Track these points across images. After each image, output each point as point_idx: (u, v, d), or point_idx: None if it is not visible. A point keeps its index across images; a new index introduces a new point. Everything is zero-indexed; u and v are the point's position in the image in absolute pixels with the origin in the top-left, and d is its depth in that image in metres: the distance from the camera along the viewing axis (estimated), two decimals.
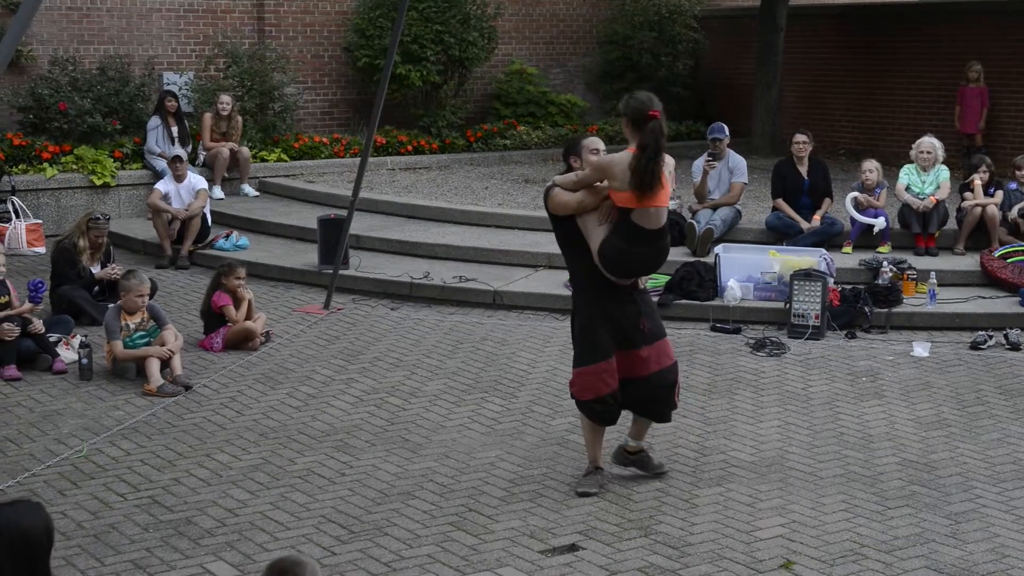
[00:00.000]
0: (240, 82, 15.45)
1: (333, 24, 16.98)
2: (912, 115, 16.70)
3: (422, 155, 16.35)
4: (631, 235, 6.35)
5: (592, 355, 6.52)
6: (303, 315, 10.60)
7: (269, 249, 12.57)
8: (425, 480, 6.88)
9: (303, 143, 15.73)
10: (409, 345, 9.66)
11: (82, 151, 14.16)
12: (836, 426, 7.85)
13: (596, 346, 6.51)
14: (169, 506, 6.49)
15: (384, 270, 11.58)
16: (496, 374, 8.90)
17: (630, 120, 6.40)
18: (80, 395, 8.41)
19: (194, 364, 9.07)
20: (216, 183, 14.35)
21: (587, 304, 6.57)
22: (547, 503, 6.56)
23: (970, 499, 6.67)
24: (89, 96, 14.42)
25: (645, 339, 6.58)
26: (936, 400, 8.40)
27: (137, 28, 15.66)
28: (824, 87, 18.06)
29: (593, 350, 6.52)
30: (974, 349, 9.64)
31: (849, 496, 6.69)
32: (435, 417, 7.97)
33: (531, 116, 17.73)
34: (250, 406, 8.18)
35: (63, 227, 13.11)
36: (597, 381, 6.52)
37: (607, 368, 6.51)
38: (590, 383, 6.54)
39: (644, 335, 6.57)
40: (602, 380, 6.52)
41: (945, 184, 11.73)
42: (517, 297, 10.90)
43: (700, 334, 10.08)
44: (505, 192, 14.33)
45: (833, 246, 11.48)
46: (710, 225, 11.55)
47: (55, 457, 7.19)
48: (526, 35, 18.68)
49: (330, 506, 6.50)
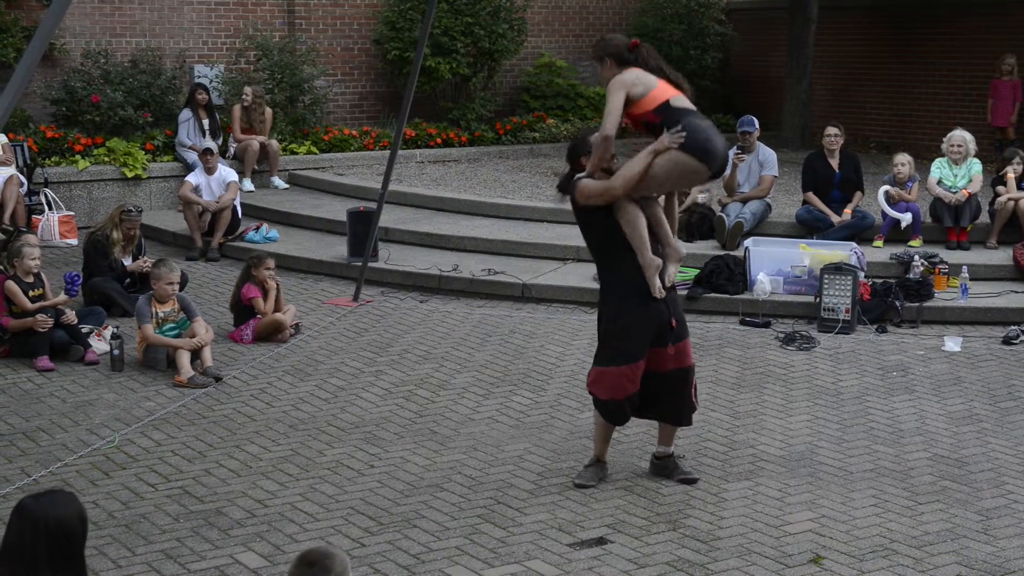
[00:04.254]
0: (270, 75, 15.50)
1: (363, 17, 17.01)
2: (944, 108, 16.58)
3: (451, 148, 16.36)
4: (689, 113, 6.22)
5: (623, 358, 6.42)
6: (332, 307, 10.63)
7: (299, 241, 12.61)
8: (453, 472, 6.89)
9: (333, 136, 15.77)
10: (438, 338, 9.68)
11: (114, 143, 14.25)
12: (866, 421, 7.81)
13: (628, 350, 6.42)
14: (200, 496, 6.53)
15: (413, 263, 11.60)
16: (524, 367, 8.91)
17: (614, 59, 6.35)
18: (112, 386, 8.47)
19: (224, 356, 9.12)
20: (246, 176, 14.41)
21: (620, 308, 6.42)
22: (575, 496, 6.56)
23: (1002, 495, 6.62)
24: (121, 89, 14.50)
25: (673, 337, 6.53)
26: (967, 395, 8.34)
27: (168, 21, 15.73)
28: (855, 80, 17.94)
29: (625, 354, 6.42)
30: (1006, 344, 9.57)
31: (879, 491, 6.66)
32: (463, 410, 7.98)
33: (560, 109, 17.70)
34: (280, 398, 8.22)
35: (95, 219, 13.20)
36: (622, 383, 6.46)
37: (634, 371, 6.45)
38: (614, 384, 6.47)
39: (673, 333, 6.52)
40: (626, 382, 6.46)
41: (977, 177, 11.64)
42: (545, 290, 10.90)
43: (729, 328, 10.05)
44: (534, 185, 14.32)
45: (864, 240, 11.41)
46: (740, 218, 11.51)
47: (87, 447, 7.25)
48: (555, 28, 18.66)
49: (359, 498, 6.52)
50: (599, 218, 6.42)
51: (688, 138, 6.14)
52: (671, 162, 6.20)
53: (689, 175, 6.35)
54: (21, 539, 3.72)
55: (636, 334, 6.40)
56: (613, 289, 6.52)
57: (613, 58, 6.37)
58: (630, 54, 6.34)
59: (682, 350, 6.58)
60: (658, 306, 6.41)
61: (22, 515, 3.78)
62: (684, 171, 6.26)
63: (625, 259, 6.38)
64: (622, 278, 6.42)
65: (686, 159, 6.18)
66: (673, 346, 6.52)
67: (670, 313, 6.48)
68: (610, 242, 6.44)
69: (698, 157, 6.17)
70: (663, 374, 6.55)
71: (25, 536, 3.72)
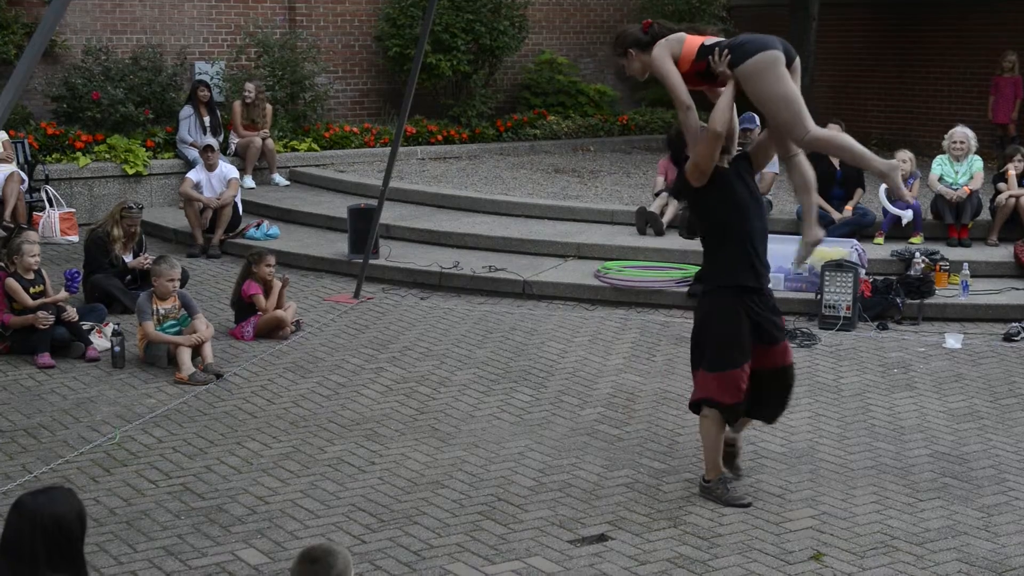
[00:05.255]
0: (271, 72, 15.50)
1: (364, 14, 17.00)
2: (945, 105, 16.57)
3: (452, 145, 16.35)
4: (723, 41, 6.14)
5: (740, 357, 6.20)
6: (333, 304, 10.64)
7: (299, 238, 12.61)
8: (454, 469, 6.89)
9: (333, 132, 15.77)
10: (438, 334, 9.68)
11: (115, 140, 14.25)
12: (867, 418, 7.81)
13: (742, 349, 6.21)
14: (200, 493, 6.54)
15: (414, 259, 11.60)
16: (525, 364, 8.91)
17: (637, 48, 6.24)
18: (112, 383, 8.47)
19: (225, 352, 9.12)
20: (247, 172, 14.40)
21: (727, 304, 6.21)
22: (576, 493, 6.56)
23: (1002, 491, 6.62)
24: (122, 85, 14.50)
25: (783, 335, 6.43)
26: (968, 392, 8.34)
27: (169, 18, 15.73)
28: (856, 77, 17.94)
29: (740, 352, 6.20)
30: (1007, 341, 9.57)
31: (880, 488, 6.66)
32: (464, 407, 7.98)
33: (561, 106, 17.70)
34: (280, 394, 8.22)
35: (96, 216, 13.20)
36: (739, 383, 6.22)
37: (746, 372, 6.25)
38: (733, 385, 6.21)
39: (778, 334, 6.38)
40: (742, 382, 6.24)
41: (978, 174, 11.63)
42: (546, 287, 10.90)
43: None
44: (535, 182, 14.32)
45: (865, 237, 11.41)
46: None
47: (88, 444, 7.25)
48: (556, 25, 18.65)
49: (360, 494, 6.53)
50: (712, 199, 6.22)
51: (734, 52, 6.01)
52: (747, 77, 6.00)
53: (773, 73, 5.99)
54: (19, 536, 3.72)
55: (744, 329, 6.21)
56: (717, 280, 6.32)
57: (635, 47, 6.28)
58: (646, 35, 6.25)
59: (786, 349, 6.45)
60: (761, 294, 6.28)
61: (20, 512, 3.77)
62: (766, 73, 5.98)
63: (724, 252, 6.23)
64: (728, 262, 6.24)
65: (753, 65, 5.97)
66: (784, 342, 6.42)
67: (775, 309, 6.35)
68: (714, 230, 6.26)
69: (758, 51, 5.97)
70: (779, 369, 6.41)
71: (23, 533, 3.71)
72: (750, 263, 6.23)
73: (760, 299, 6.30)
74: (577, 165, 15.61)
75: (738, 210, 6.21)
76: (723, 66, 6.03)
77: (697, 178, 6.22)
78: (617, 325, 10.01)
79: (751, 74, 6.02)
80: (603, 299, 10.70)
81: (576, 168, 15.36)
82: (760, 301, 6.30)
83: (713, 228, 6.33)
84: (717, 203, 6.24)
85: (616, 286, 10.73)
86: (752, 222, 6.24)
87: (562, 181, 14.36)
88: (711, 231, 6.36)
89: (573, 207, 12.83)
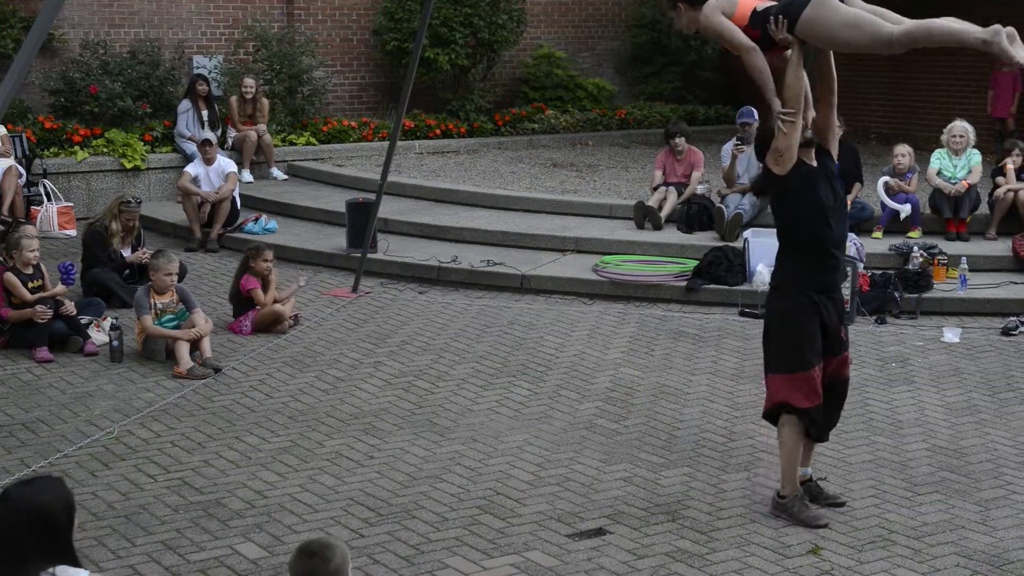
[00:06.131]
0: (269, 66, 15.48)
1: (362, 7, 16.98)
2: (944, 99, 16.55)
3: (450, 139, 16.34)
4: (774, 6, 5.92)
5: (813, 358, 5.95)
6: (331, 298, 10.63)
7: (298, 233, 12.60)
8: (453, 463, 6.89)
9: (332, 127, 15.76)
10: (437, 329, 9.68)
11: (112, 134, 14.24)
12: (865, 411, 7.81)
13: (815, 350, 5.96)
14: (199, 488, 6.54)
15: (412, 254, 11.59)
16: (523, 358, 8.91)
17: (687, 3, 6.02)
18: (111, 377, 8.47)
19: (223, 347, 9.12)
20: (245, 166, 14.39)
21: (800, 303, 5.97)
22: (574, 487, 6.56)
23: (1000, 486, 6.63)
24: (120, 79, 14.48)
25: (843, 346, 6.20)
26: (966, 386, 8.35)
27: (167, 12, 15.71)
28: (855, 70, 17.89)
29: (813, 353, 5.95)
30: (1005, 335, 9.58)
31: (878, 482, 6.67)
32: (462, 401, 7.99)
33: (559, 100, 17.68)
34: (279, 389, 8.22)
35: (94, 210, 13.19)
36: (814, 385, 5.97)
37: (819, 374, 6.00)
38: (808, 388, 5.95)
39: (843, 343, 6.17)
40: (818, 384, 5.98)
41: (977, 168, 11.63)
42: (544, 281, 10.90)
43: (728, 319, 10.05)
44: (533, 176, 14.31)
45: (863, 231, 11.41)
46: (739, 210, 11.51)
47: (86, 438, 7.25)
48: (555, 19, 18.62)
49: (358, 488, 6.53)
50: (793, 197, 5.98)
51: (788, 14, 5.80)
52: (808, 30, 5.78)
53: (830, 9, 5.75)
54: (4, 525, 3.70)
55: (816, 331, 5.97)
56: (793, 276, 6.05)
57: (686, 2, 6.07)
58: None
59: (845, 361, 6.23)
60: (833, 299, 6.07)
61: (6, 502, 3.76)
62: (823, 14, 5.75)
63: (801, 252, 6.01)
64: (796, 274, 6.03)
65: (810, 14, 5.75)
66: (845, 353, 6.21)
67: (841, 320, 6.14)
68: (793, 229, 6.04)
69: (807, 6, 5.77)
70: (844, 380, 6.24)
71: (9, 523, 3.69)
72: (827, 266, 6.02)
73: (832, 303, 6.07)
74: (575, 159, 15.60)
75: (820, 211, 5.96)
76: (783, 32, 5.82)
77: (778, 163, 5.94)
78: (615, 319, 10.01)
79: (811, 25, 5.78)
80: (601, 293, 10.70)
81: (574, 162, 15.35)
82: (832, 306, 6.07)
83: (792, 227, 6.06)
84: (798, 202, 5.98)
85: (614, 280, 10.73)
86: (833, 225, 6.01)
87: (560, 175, 14.35)
88: (790, 229, 6.08)
89: (571, 201, 12.83)
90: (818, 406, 6.00)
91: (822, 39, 5.88)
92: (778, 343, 6.05)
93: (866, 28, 5.70)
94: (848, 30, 5.72)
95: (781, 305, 6.09)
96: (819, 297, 6.01)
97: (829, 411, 6.17)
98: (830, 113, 6.21)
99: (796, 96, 5.90)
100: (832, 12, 5.75)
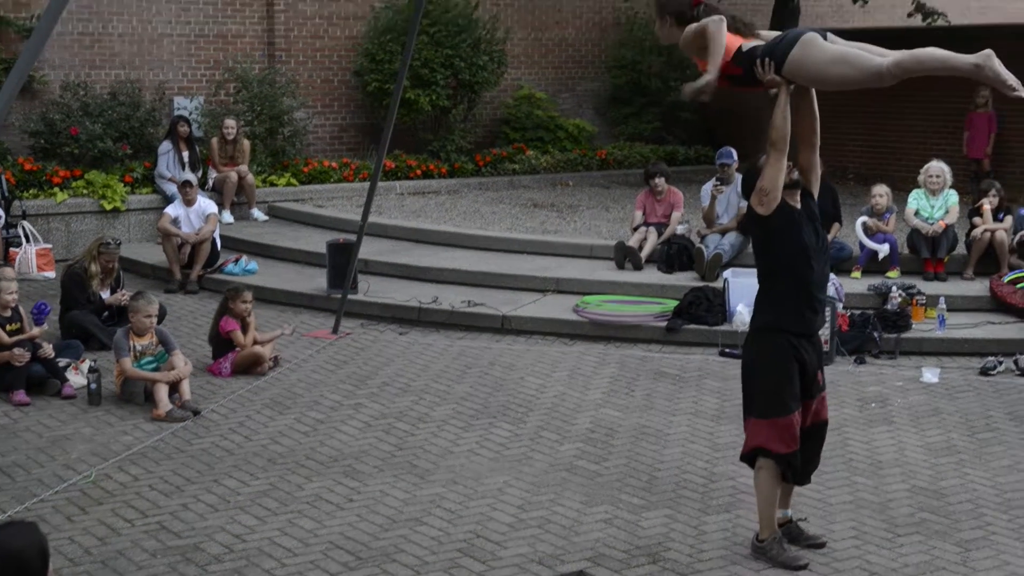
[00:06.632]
0: (250, 107, 15.52)
1: (343, 49, 17.06)
2: (921, 140, 16.69)
3: (431, 179, 16.38)
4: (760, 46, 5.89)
5: (792, 404, 5.95)
6: (312, 340, 10.60)
7: (278, 274, 12.59)
8: (433, 506, 6.86)
9: (312, 168, 15.78)
10: (417, 370, 9.66)
11: (92, 176, 14.22)
12: (845, 452, 7.82)
13: (794, 395, 5.96)
14: (177, 532, 6.49)
15: (393, 295, 11.59)
16: (504, 399, 8.89)
17: (676, 19, 6.00)
18: (89, 420, 8.41)
19: (202, 389, 9.07)
20: (225, 208, 14.39)
21: (778, 346, 5.98)
22: (555, 529, 6.54)
23: (980, 527, 6.63)
24: (100, 121, 14.48)
25: (820, 388, 6.18)
26: (946, 426, 8.37)
27: (148, 53, 15.74)
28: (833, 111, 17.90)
29: (791, 399, 5.95)
30: (984, 375, 9.61)
31: (859, 523, 6.66)
32: (443, 442, 7.96)
33: (540, 140, 17.77)
34: (258, 431, 8.18)
35: (73, 252, 13.15)
36: (793, 431, 5.96)
37: (798, 420, 6.00)
38: (787, 434, 5.94)
39: (819, 386, 6.15)
40: (796, 429, 5.98)
41: (954, 209, 11.72)
42: (525, 322, 10.90)
43: (709, 359, 10.07)
44: (514, 216, 14.35)
45: (842, 271, 11.46)
46: (719, 250, 11.55)
47: (63, 482, 7.19)
48: (535, 60, 18.75)
49: (338, 532, 6.49)
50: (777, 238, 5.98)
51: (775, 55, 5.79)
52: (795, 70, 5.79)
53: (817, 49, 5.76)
54: None
55: (795, 374, 5.97)
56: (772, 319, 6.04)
57: (674, 16, 6.03)
58: (691, 11, 6.00)
59: (823, 403, 6.21)
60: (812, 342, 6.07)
61: None
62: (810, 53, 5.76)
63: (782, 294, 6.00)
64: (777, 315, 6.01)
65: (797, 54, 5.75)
66: (821, 394, 6.19)
67: (819, 365, 6.14)
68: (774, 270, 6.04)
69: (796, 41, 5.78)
70: (822, 424, 6.21)
71: None
72: (809, 307, 6.02)
73: (812, 346, 6.08)
74: (556, 200, 15.65)
75: (803, 252, 5.98)
76: (771, 73, 5.83)
77: (762, 203, 5.95)
78: (596, 360, 10.01)
79: (799, 65, 5.78)
80: (582, 334, 10.70)
81: (555, 202, 15.40)
82: (812, 348, 6.07)
83: (774, 268, 6.06)
84: (782, 242, 5.99)
85: (595, 321, 10.74)
86: (815, 266, 6.02)
87: (541, 215, 14.39)
88: (772, 270, 6.08)
89: (552, 241, 12.86)
90: (795, 452, 6.00)
91: (811, 78, 5.90)
92: (758, 387, 6.05)
93: (856, 63, 5.72)
94: (838, 67, 5.74)
95: (761, 348, 6.08)
96: (799, 341, 6.01)
97: (809, 454, 6.16)
98: (812, 154, 6.24)
99: (783, 137, 5.91)
100: (820, 51, 5.78)
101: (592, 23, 19.19)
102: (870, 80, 5.72)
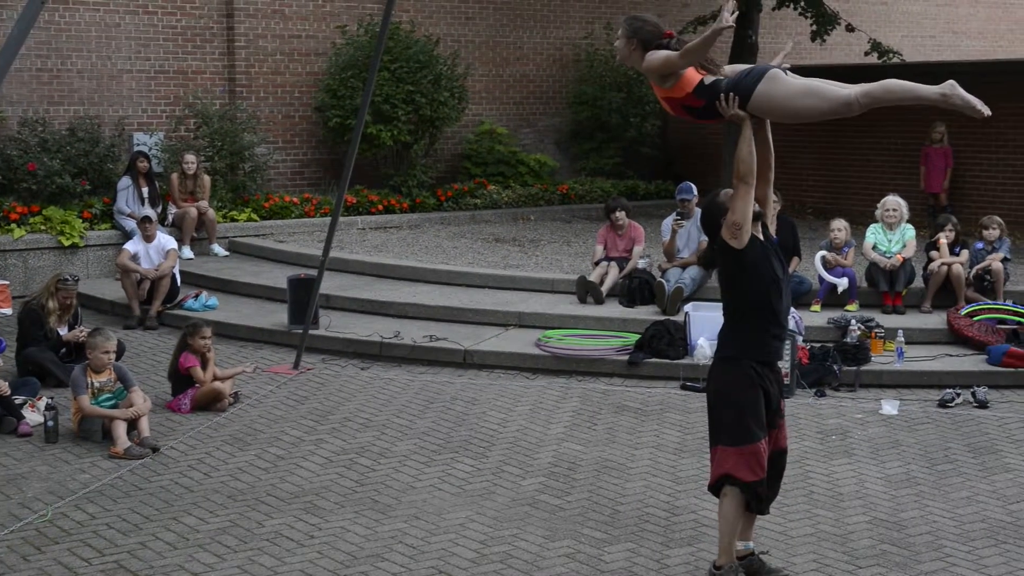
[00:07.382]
0: (210, 142, 15.48)
1: (304, 84, 17.06)
2: (878, 174, 16.90)
3: (393, 214, 16.38)
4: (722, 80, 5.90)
5: (759, 431, 5.98)
6: (272, 375, 10.54)
7: (238, 309, 12.52)
8: (395, 542, 6.82)
9: (273, 203, 15.74)
10: (379, 405, 9.62)
11: (51, 212, 14.12)
12: (806, 484, 7.85)
13: (760, 422, 5.99)
14: (135, 571, 6.40)
15: (354, 330, 11.55)
16: (466, 434, 8.87)
17: (642, 45, 5.97)
18: (45, 458, 8.31)
19: (161, 426, 8.99)
20: (185, 243, 14.32)
21: (743, 375, 6.02)
22: (517, 564, 6.51)
23: (940, 558, 6.67)
24: (58, 157, 14.39)
25: (780, 415, 6.22)
26: (905, 458, 8.42)
27: (107, 89, 15.68)
28: (792, 147, 18.23)
29: (758, 426, 5.98)
30: (942, 407, 9.69)
31: (820, 555, 6.68)
32: (405, 478, 7.92)
33: (501, 175, 17.83)
34: (218, 468, 8.11)
35: (30, 288, 13.03)
36: (760, 459, 5.99)
37: (765, 448, 6.03)
38: (754, 462, 5.98)
39: (780, 412, 6.20)
40: (763, 459, 6.01)
41: (911, 242, 11.85)
42: (487, 356, 10.89)
43: (670, 393, 10.09)
44: (475, 251, 14.36)
45: (801, 304, 11.53)
46: (680, 284, 11.61)
47: (19, 521, 7.09)
48: (496, 95, 18.83)
49: (298, 569, 6.43)
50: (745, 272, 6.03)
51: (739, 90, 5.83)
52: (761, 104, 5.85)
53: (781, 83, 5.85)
54: None
55: (760, 402, 6.02)
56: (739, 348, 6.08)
57: (641, 43, 5.98)
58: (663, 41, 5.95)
59: (782, 430, 6.24)
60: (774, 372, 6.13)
61: None
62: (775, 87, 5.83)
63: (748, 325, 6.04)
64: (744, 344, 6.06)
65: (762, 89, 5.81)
66: (781, 421, 6.22)
67: (780, 393, 6.18)
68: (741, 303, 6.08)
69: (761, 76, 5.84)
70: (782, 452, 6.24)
71: None
72: (774, 336, 6.08)
73: (774, 375, 6.14)
74: (517, 234, 15.69)
75: (775, 284, 6.04)
76: (734, 108, 5.86)
77: (736, 236, 5.96)
78: (558, 394, 10.01)
79: (766, 99, 5.85)
80: (544, 368, 10.71)
81: (516, 237, 15.44)
82: (774, 378, 6.13)
83: (745, 299, 6.08)
84: (755, 275, 6.03)
85: (557, 355, 10.75)
86: (781, 299, 6.09)
87: (503, 250, 14.42)
88: (743, 302, 6.10)
89: (514, 276, 12.88)
90: (762, 480, 6.02)
91: (777, 112, 5.94)
92: (724, 415, 6.07)
93: (823, 94, 5.79)
94: (805, 99, 5.81)
95: (727, 377, 6.11)
96: (763, 370, 6.06)
97: (770, 482, 6.18)
98: (767, 188, 6.28)
99: (750, 170, 5.95)
100: (785, 85, 5.85)
101: (553, 59, 19.32)
102: (839, 110, 5.80)
